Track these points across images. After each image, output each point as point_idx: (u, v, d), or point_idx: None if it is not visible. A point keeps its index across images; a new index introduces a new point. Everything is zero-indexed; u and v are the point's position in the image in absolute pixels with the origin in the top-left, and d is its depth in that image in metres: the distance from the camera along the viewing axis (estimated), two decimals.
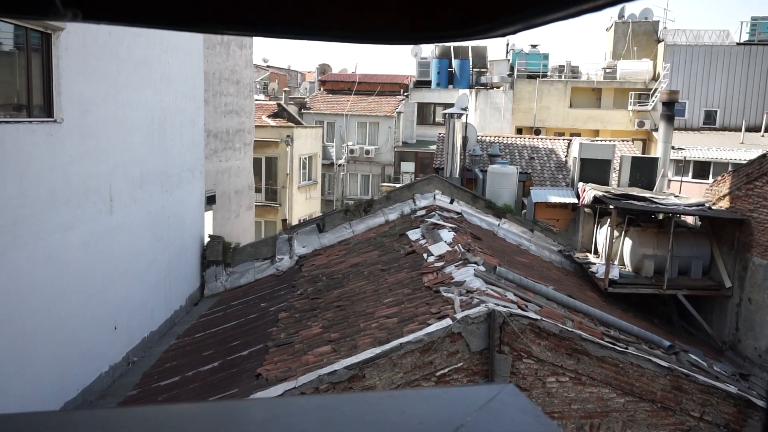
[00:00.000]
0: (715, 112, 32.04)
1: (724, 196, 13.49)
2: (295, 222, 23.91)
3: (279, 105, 30.74)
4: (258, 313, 10.99)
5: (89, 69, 9.09)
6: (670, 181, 19.81)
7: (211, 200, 16.97)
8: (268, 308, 11.03)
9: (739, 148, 26.18)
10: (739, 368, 11.63)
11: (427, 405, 0.93)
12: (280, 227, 21.71)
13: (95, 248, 9.36)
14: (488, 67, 37.44)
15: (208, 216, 16.39)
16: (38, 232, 7.95)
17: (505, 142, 22.84)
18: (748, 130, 30.14)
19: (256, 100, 28.02)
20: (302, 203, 27.84)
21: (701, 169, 24.93)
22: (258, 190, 24.83)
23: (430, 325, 7.25)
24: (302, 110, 35.72)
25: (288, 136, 26.04)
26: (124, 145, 10.23)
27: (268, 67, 49.03)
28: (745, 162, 14.17)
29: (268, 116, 28.81)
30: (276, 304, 11.04)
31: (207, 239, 14.48)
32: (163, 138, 11.84)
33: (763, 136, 29.44)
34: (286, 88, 43.38)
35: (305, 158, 28.14)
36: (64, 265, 8.59)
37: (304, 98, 38.61)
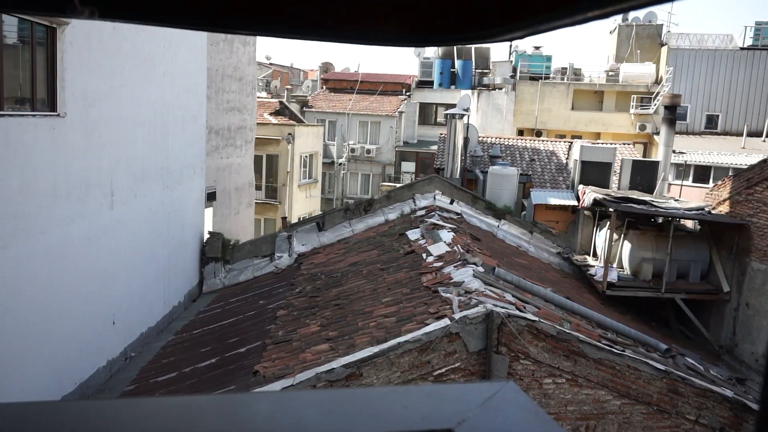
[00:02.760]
0: (717, 116, 32.05)
1: (724, 200, 13.50)
2: (294, 220, 23.92)
3: (281, 103, 30.74)
4: (256, 311, 11.00)
5: (93, 64, 9.11)
6: (670, 184, 19.83)
7: (211, 197, 16.98)
8: (266, 306, 11.04)
9: (740, 153, 26.19)
10: (735, 372, 11.65)
11: (429, 401, 0.94)
12: (279, 225, 21.71)
13: (95, 243, 9.37)
14: (491, 68, 37.44)
15: (208, 212, 16.41)
16: (39, 226, 7.96)
17: (506, 143, 22.85)
18: (750, 135, 30.14)
19: (258, 97, 28.02)
20: (302, 201, 27.84)
21: (702, 174, 24.94)
22: (258, 188, 24.83)
23: (428, 324, 7.27)
24: (304, 108, 35.71)
25: (289, 134, 26.04)
26: (126, 141, 10.24)
27: (270, 64, 49.04)
28: (745, 167, 14.19)
29: (270, 114, 28.81)
30: (274, 301, 11.06)
31: (207, 236, 14.50)
32: (165, 134, 11.86)
33: (764, 141, 29.45)
34: (289, 86, 43.37)
35: (306, 156, 28.14)
36: (64, 259, 8.60)
37: (306, 96, 38.60)
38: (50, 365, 8.37)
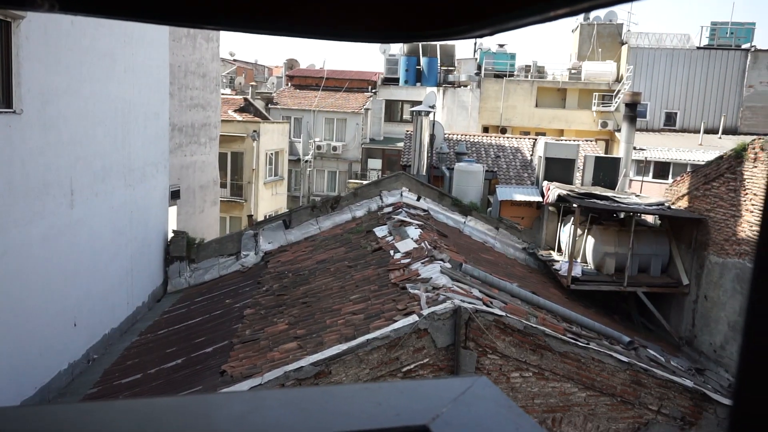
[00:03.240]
0: (676, 114, 32.85)
1: (683, 196, 13.85)
2: (260, 218, 23.69)
3: (245, 99, 30.42)
4: (223, 310, 10.88)
5: (51, 59, 8.87)
6: (631, 180, 20.25)
7: (175, 195, 16.72)
8: (233, 305, 10.93)
9: (698, 150, 26.89)
10: (695, 363, 11.98)
11: (402, 397, 0.94)
12: (245, 223, 21.49)
13: (55, 243, 9.14)
14: (456, 65, 37.68)
15: (172, 211, 16.15)
16: None
17: (471, 140, 23.02)
18: (707, 132, 30.98)
19: (223, 94, 27.68)
20: (268, 199, 27.61)
21: (661, 170, 25.53)
22: (223, 186, 24.55)
23: (397, 321, 7.29)
24: (269, 105, 35.41)
25: (254, 131, 25.79)
26: (86, 138, 10.01)
27: (234, 61, 48.46)
28: (703, 163, 14.58)
29: (235, 111, 28.49)
30: (241, 300, 10.95)
31: (171, 234, 14.27)
32: (127, 131, 11.62)
33: (720, 138, 30.29)
34: (253, 83, 42.93)
35: (271, 154, 27.91)
36: (23, 259, 8.37)
37: (271, 93, 38.28)
38: (8, 369, 8.13)
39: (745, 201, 11.79)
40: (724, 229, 12.29)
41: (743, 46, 32.39)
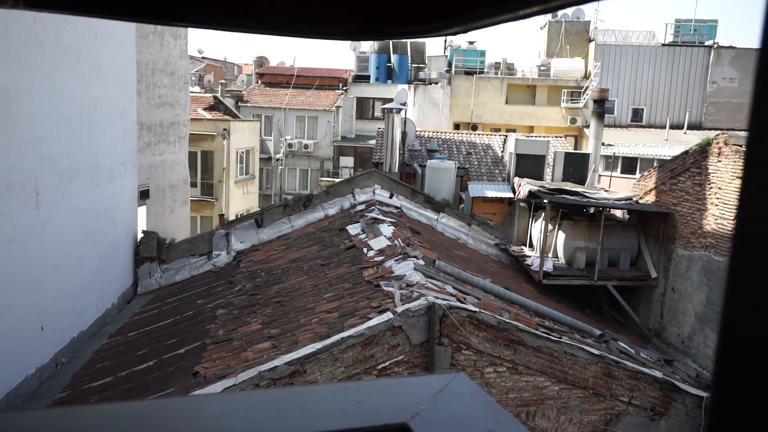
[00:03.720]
0: (642, 110, 33.42)
1: (651, 190, 14.10)
2: (232, 217, 23.48)
3: (215, 98, 30.09)
4: (195, 311, 10.76)
5: (12, 56, 8.64)
6: (600, 176, 20.54)
7: (144, 195, 16.46)
8: (205, 305, 10.81)
9: (664, 145, 27.40)
10: (664, 354, 12.22)
11: (381, 395, 0.94)
12: (216, 222, 21.28)
13: (20, 244, 8.93)
14: (426, 62, 37.79)
15: (142, 211, 15.91)
16: None
17: (443, 137, 23.11)
18: (672, 127, 31.60)
19: (192, 92, 27.32)
20: (239, 198, 27.37)
21: (629, 165, 25.96)
22: (194, 185, 24.26)
23: (371, 319, 7.29)
24: (239, 103, 35.08)
25: (224, 129, 25.54)
26: (51, 138, 9.79)
27: (203, 58, 47.90)
28: (669, 158, 14.85)
29: (204, 109, 28.16)
30: (213, 300, 10.84)
31: (140, 235, 14.05)
32: (93, 130, 11.40)
33: (685, 133, 30.92)
34: (223, 81, 42.48)
35: (242, 152, 27.67)
36: None
37: (241, 91, 37.92)
38: None
39: (710, 195, 12.05)
40: (690, 223, 12.54)
41: (706, 43, 33.11)
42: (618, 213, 15.54)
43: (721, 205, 11.71)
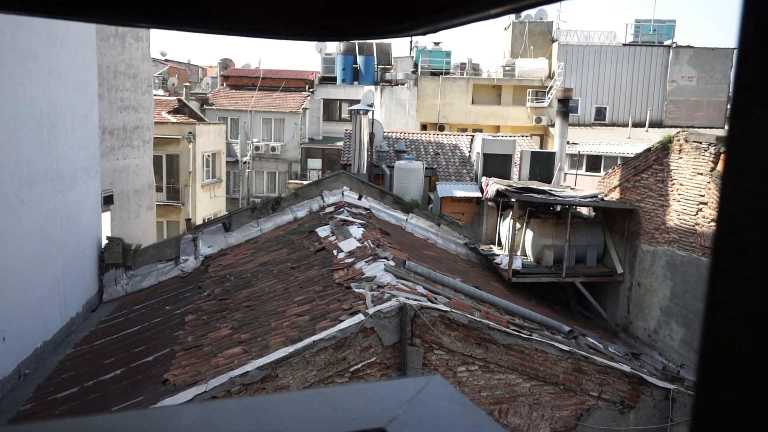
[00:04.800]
0: (605, 108, 34.03)
1: (615, 187, 14.35)
2: (199, 221, 23.19)
3: (179, 101, 29.69)
4: (163, 317, 10.58)
5: None
6: (566, 174, 20.86)
7: (108, 200, 16.14)
8: (173, 311, 10.64)
9: (627, 143, 27.93)
10: (631, 348, 12.45)
11: (358, 400, 0.92)
12: (183, 227, 20.98)
13: None
14: (392, 63, 37.87)
15: (106, 217, 15.59)
16: None
17: (410, 138, 23.19)
18: (634, 125, 32.24)
19: (155, 95, 26.92)
20: (206, 202, 27.05)
21: (594, 163, 26.39)
22: (159, 189, 23.89)
23: (343, 321, 7.26)
24: (204, 106, 34.67)
25: (190, 132, 25.21)
26: (9, 143, 9.52)
27: (166, 61, 47.21)
28: (632, 156, 15.14)
29: (168, 112, 27.76)
30: (182, 306, 10.68)
31: (105, 241, 13.77)
32: (54, 135, 11.13)
33: (647, 131, 31.58)
34: (187, 84, 41.94)
35: (208, 155, 27.35)
36: None
37: (206, 94, 37.48)
38: None
39: (672, 191, 12.32)
40: (654, 219, 12.80)
41: (665, 43, 33.87)
42: (584, 210, 15.79)
43: (682, 200, 11.98)
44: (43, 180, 10.68)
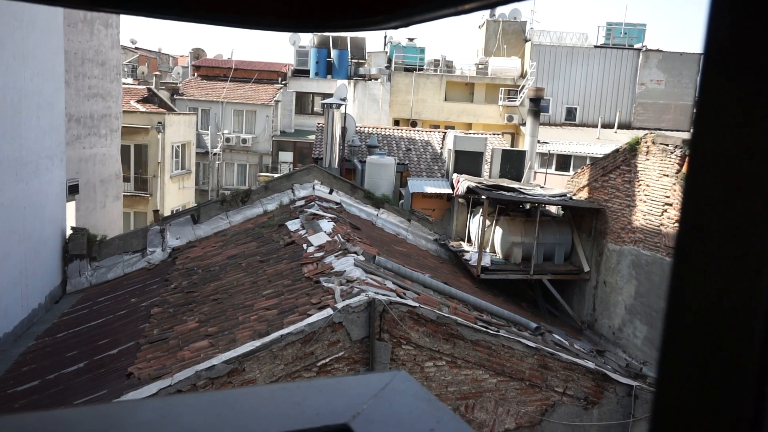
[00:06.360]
0: (576, 109, 34.47)
1: (583, 187, 14.56)
2: (167, 213, 22.86)
3: (149, 90, 29.19)
4: (128, 309, 10.42)
5: None
6: (536, 172, 21.08)
7: (73, 190, 15.80)
8: (139, 304, 10.48)
9: (596, 143, 28.35)
10: (596, 345, 12.66)
11: (322, 395, 0.92)
12: (151, 218, 20.66)
13: None
14: (366, 58, 37.77)
15: (71, 207, 15.26)
16: None
17: (383, 133, 23.18)
18: (604, 126, 32.72)
19: (124, 83, 26.43)
20: (175, 193, 26.67)
21: (563, 162, 26.74)
22: (126, 180, 23.49)
23: (311, 315, 7.24)
24: (175, 96, 34.15)
25: (159, 122, 24.81)
26: None
27: (136, 49, 46.37)
28: (601, 156, 15.37)
29: (138, 101, 27.28)
30: (148, 299, 10.53)
31: (69, 232, 13.49)
32: (18, 122, 10.86)
33: (616, 132, 32.08)
34: (157, 72, 41.24)
35: (178, 146, 26.96)
36: None
37: (176, 83, 36.93)
38: None
39: (638, 191, 12.55)
40: (621, 218, 13.03)
41: (636, 46, 34.42)
42: (553, 209, 15.99)
43: (648, 201, 12.21)
44: (5, 168, 10.41)
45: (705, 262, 0.41)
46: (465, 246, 15.19)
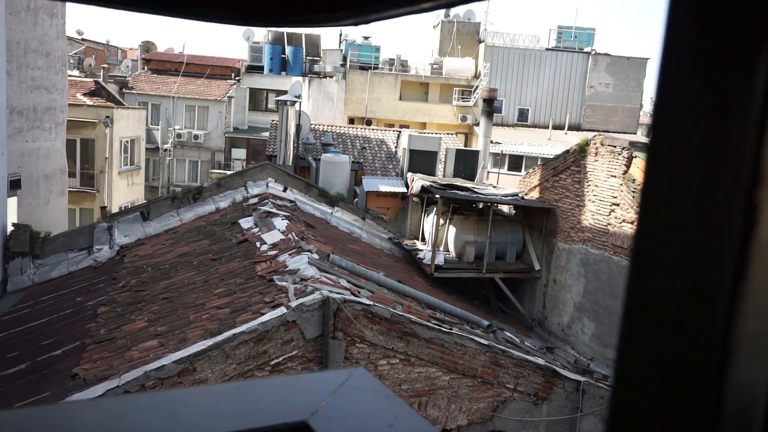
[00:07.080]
0: (528, 110, 35.10)
1: (535, 187, 14.84)
2: (115, 209, 22.26)
3: (97, 83, 28.34)
4: (73, 309, 10.09)
5: None
6: (489, 172, 21.36)
7: (15, 185, 15.20)
8: (85, 303, 10.17)
9: (547, 144, 28.93)
10: (546, 342, 12.92)
11: (280, 393, 0.91)
12: (98, 215, 20.08)
13: None
14: (321, 55, 37.58)
15: (12, 202, 14.69)
16: None
17: (337, 131, 23.11)
18: (555, 127, 33.43)
19: (70, 76, 25.59)
20: (123, 190, 25.99)
21: (515, 162, 27.20)
22: (72, 175, 22.75)
23: (264, 314, 7.16)
24: (123, 90, 33.27)
25: (107, 116, 24.12)
26: None
27: (83, 40, 44.94)
28: (551, 157, 15.68)
29: (84, 94, 26.45)
30: (94, 298, 10.22)
31: (11, 228, 12.99)
32: None
33: (566, 133, 32.81)
34: (105, 65, 40.06)
35: (127, 141, 26.27)
36: None
37: (125, 77, 35.98)
38: None
39: (587, 192, 12.86)
40: (570, 218, 13.33)
41: (585, 50, 35.27)
42: (505, 208, 16.24)
43: (597, 201, 12.53)
44: None
45: (664, 259, 0.42)
46: (419, 245, 15.28)
